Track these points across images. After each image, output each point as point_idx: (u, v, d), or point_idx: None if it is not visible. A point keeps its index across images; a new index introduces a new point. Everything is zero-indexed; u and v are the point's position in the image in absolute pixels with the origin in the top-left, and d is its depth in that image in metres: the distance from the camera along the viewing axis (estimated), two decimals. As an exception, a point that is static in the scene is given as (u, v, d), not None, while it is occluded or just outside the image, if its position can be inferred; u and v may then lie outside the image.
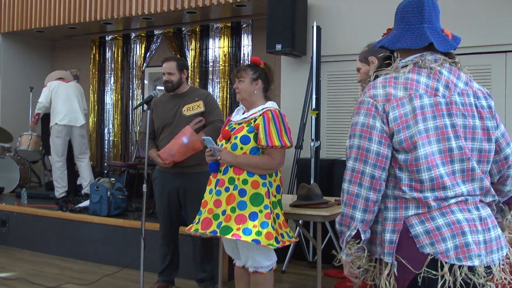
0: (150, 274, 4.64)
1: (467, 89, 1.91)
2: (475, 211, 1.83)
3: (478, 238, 1.78)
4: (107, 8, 7.38)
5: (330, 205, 3.87)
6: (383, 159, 1.84)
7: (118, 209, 5.92)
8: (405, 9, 1.99)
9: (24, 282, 4.89)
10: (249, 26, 7.35)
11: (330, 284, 4.75)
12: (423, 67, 1.89)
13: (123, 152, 8.54)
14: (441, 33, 1.97)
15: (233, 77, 3.49)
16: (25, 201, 6.68)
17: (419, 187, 1.81)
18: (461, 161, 1.83)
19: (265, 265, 3.33)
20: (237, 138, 3.35)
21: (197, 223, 3.39)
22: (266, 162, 3.31)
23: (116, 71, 8.58)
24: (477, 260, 1.76)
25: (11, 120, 8.40)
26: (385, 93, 1.86)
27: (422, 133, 1.80)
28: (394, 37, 2.00)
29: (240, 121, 3.43)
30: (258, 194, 3.27)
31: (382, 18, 5.62)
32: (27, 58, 8.89)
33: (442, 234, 1.77)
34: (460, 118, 1.85)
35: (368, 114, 1.86)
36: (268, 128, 3.29)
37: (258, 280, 3.34)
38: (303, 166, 5.55)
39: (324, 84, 5.82)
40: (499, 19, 5.02)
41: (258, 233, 3.16)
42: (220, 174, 3.38)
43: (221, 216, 3.27)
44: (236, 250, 3.45)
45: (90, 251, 5.69)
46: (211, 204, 3.35)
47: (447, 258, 1.74)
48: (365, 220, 1.87)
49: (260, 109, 3.39)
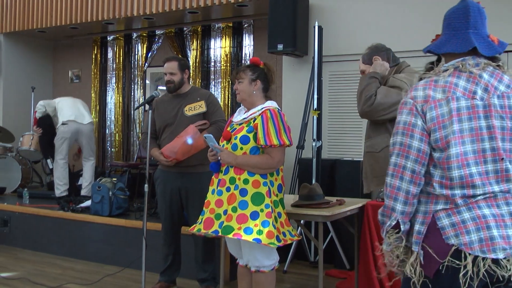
0: (152, 274, 4.64)
1: (508, 91, 1.99)
2: (504, 206, 1.92)
3: (506, 233, 1.87)
4: (108, 8, 7.38)
5: (331, 205, 3.87)
6: (423, 155, 1.98)
7: (120, 209, 5.93)
8: (451, 16, 2.11)
9: (26, 282, 4.89)
10: (250, 26, 7.35)
11: (332, 284, 4.76)
12: (463, 71, 1.99)
13: (124, 152, 8.54)
14: (486, 39, 2.06)
15: (233, 78, 3.51)
16: (27, 201, 6.69)
17: (449, 184, 1.94)
18: (494, 161, 1.93)
19: (267, 264, 3.34)
20: (236, 138, 3.36)
21: (200, 223, 3.39)
22: (265, 162, 3.31)
23: (118, 71, 8.59)
24: (502, 253, 1.84)
25: (13, 120, 8.41)
26: (425, 94, 1.99)
27: (456, 133, 1.92)
28: (440, 42, 2.12)
29: (241, 122, 3.44)
30: (259, 193, 3.27)
31: (384, 18, 5.63)
32: (29, 58, 8.90)
33: (467, 227, 1.89)
34: (498, 120, 1.94)
35: (411, 113, 1.99)
36: (266, 127, 3.30)
37: (260, 280, 3.35)
38: (305, 166, 5.54)
39: (326, 84, 5.82)
40: (501, 19, 5.01)
41: (259, 232, 3.17)
42: (222, 174, 3.39)
43: (223, 216, 3.28)
44: (239, 250, 3.45)
45: (91, 251, 5.69)
46: (213, 204, 3.36)
47: (471, 249, 1.86)
48: (405, 212, 2.02)
49: (259, 109, 3.40)
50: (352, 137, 5.76)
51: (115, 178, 6.32)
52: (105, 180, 6.05)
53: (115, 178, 6.32)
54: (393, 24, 5.56)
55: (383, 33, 5.60)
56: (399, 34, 5.52)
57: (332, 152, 5.86)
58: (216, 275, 4.52)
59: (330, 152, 5.87)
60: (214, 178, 3.48)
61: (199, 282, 4.57)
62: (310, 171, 5.43)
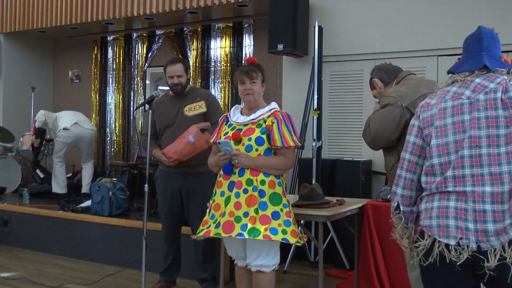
0: (152, 274, 4.64)
1: (497, 86, 2.20)
2: (472, 203, 2.14)
3: (464, 225, 2.13)
4: (108, 8, 7.39)
5: (331, 205, 3.87)
6: (417, 148, 2.35)
7: (120, 209, 5.93)
8: (468, 41, 2.40)
9: (26, 282, 4.89)
10: (250, 26, 7.35)
11: (332, 284, 4.76)
12: (459, 80, 2.32)
13: (124, 152, 8.55)
14: (498, 59, 2.34)
15: (244, 77, 3.42)
16: (27, 201, 6.69)
17: (431, 171, 2.26)
18: (470, 148, 2.17)
19: (271, 264, 3.34)
20: (251, 139, 3.32)
21: (218, 227, 3.26)
22: (283, 163, 3.35)
23: (118, 71, 8.59)
24: (453, 240, 2.13)
25: (13, 120, 8.42)
26: (424, 103, 2.38)
27: (438, 128, 2.25)
28: (459, 64, 2.40)
29: (246, 122, 3.40)
30: (276, 193, 3.30)
31: (383, 18, 5.64)
32: (29, 58, 8.90)
33: (431, 213, 2.22)
34: (482, 112, 2.18)
35: (415, 117, 2.40)
36: (281, 129, 3.34)
37: (261, 280, 3.34)
38: (305, 166, 5.54)
39: (326, 84, 5.82)
40: (501, 19, 5.01)
41: (284, 231, 3.21)
42: (235, 176, 3.32)
43: (244, 218, 3.22)
44: (242, 251, 3.43)
45: (92, 251, 5.70)
46: (231, 207, 3.27)
47: (431, 232, 2.19)
48: (404, 195, 2.40)
49: (268, 110, 3.40)
50: (352, 137, 5.76)
51: (115, 178, 6.33)
52: (105, 180, 6.05)
53: (115, 178, 6.33)
54: (394, 24, 5.56)
55: (383, 33, 5.61)
56: (399, 34, 5.52)
57: (332, 152, 5.86)
58: (216, 275, 4.52)
59: (330, 152, 5.87)
60: (222, 180, 3.37)
61: (199, 282, 4.57)
62: (310, 171, 5.43)
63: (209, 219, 3.37)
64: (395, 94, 3.35)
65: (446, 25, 5.30)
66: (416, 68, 5.47)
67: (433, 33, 5.36)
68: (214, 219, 3.33)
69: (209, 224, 3.34)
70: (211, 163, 3.54)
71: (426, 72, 5.43)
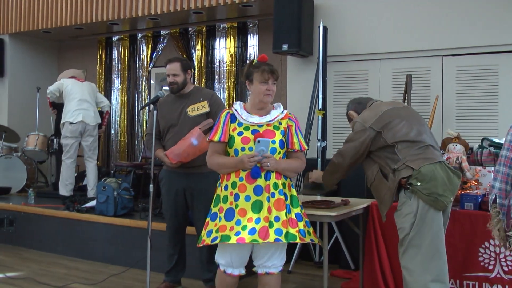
0: (157, 274, 4.64)
1: None
2: None
3: None
4: (113, 8, 7.40)
5: (336, 206, 3.87)
6: None
7: (125, 209, 5.93)
8: None
9: (31, 281, 4.90)
10: (255, 26, 7.35)
11: (337, 285, 4.75)
12: None
13: (129, 152, 8.56)
14: None
15: (269, 76, 3.29)
16: (32, 201, 6.70)
17: None
18: None
19: (279, 264, 3.33)
20: (275, 142, 3.28)
21: (253, 234, 3.13)
22: (301, 166, 3.40)
23: (123, 71, 8.60)
24: None
25: (18, 120, 8.45)
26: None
27: None
28: None
29: (261, 123, 3.32)
30: (293, 196, 3.32)
31: (388, 17, 5.62)
32: (34, 59, 8.93)
33: None
34: None
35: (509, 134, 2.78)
36: (297, 132, 3.39)
37: (270, 281, 3.32)
38: (310, 166, 5.47)
39: (331, 84, 5.81)
40: (506, 19, 4.99)
41: (308, 232, 3.25)
42: (261, 180, 3.23)
43: (276, 223, 3.17)
44: (240, 258, 3.32)
45: (96, 251, 5.70)
46: (265, 212, 3.18)
47: None
48: (501, 188, 2.69)
49: (281, 112, 3.38)
50: (357, 137, 5.74)
51: (120, 178, 6.32)
52: (110, 180, 6.05)
53: (120, 178, 6.32)
54: (398, 24, 5.55)
55: (388, 33, 5.60)
56: (404, 34, 5.51)
57: (337, 152, 5.85)
58: (221, 275, 4.51)
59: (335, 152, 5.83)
60: (246, 183, 3.22)
61: (204, 282, 4.57)
62: (315, 171, 5.42)
63: (234, 225, 3.17)
64: (360, 119, 3.58)
65: (451, 25, 5.28)
66: (421, 68, 5.47)
67: (438, 33, 5.35)
68: (240, 225, 3.17)
69: (237, 230, 3.15)
70: (222, 163, 3.32)
71: (431, 72, 5.42)
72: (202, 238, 3.29)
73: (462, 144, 4.18)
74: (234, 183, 3.25)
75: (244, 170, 3.22)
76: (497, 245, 3.73)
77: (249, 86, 3.37)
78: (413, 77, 5.28)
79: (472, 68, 5.25)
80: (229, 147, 3.32)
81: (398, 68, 5.59)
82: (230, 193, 3.25)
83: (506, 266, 3.74)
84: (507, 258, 3.73)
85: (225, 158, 3.32)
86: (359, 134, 3.51)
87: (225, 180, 3.31)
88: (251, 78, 3.32)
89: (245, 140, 3.26)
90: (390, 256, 4.16)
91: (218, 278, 3.41)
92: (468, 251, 3.83)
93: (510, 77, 5.07)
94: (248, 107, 3.39)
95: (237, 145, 3.27)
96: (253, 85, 3.32)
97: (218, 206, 3.28)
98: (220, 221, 3.22)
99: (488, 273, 3.79)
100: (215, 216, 3.28)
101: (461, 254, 3.85)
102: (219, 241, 3.17)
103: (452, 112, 5.33)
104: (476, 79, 5.23)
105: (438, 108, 5.25)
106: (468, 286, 3.86)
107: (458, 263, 3.84)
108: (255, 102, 3.35)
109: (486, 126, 5.16)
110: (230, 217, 3.20)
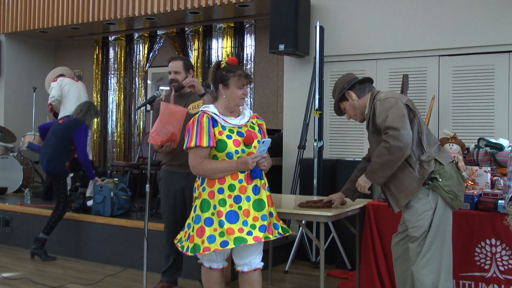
0: (153, 274, 4.64)
1: None
2: None
3: None
4: (110, 8, 7.39)
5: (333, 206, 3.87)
6: None
7: (122, 209, 5.93)
8: None
9: (28, 282, 4.90)
10: (252, 26, 7.36)
11: (333, 285, 4.75)
12: None
13: (126, 152, 8.55)
14: None
15: (245, 82, 3.34)
16: (29, 201, 6.69)
17: None
18: None
19: (259, 261, 3.37)
20: (260, 142, 3.36)
21: (264, 231, 3.19)
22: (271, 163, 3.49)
23: (119, 71, 8.60)
24: None
25: (14, 120, 8.43)
26: None
27: None
28: None
29: (241, 125, 3.35)
30: None
31: (385, 18, 5.63)
32: (30, 58, 8.91)
33: None
34: None
35: None
36: None
37: (256, 278, 3.35)
38: (306, 167, 5.54)
39: (327, 84, 5.82)
40: (503, 19, 5.00)
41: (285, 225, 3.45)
42: (258, 180, 3.32)
43: (271, 218, 3.35)
44: (223, 254, 3.39)
45: (93, 251, 5.70)
46: (267, 209, 3.30)
47: None
48: None
49: (250, 112, 3.47)
50: (354, 138, 5.75)
51: (117, 179, 6.32)
52: (107, 180, 6.05)
53: (117, 179, 6.32)
54: (395, 24, 5.55)
55: (384, 33, 5.60)
56: (400, 34, 5.51)
57: (334, 152, 5.86)
58: (217, 275, 4.51)
59: (331, 152, 5.86)
60: (245, 185, 3.24)
61: (201, 282, 4.56)
62: (311, 171, 5.42)
63: (242, 226, 3.18)
64: (391, 96, 3.29)
65: (448, 25, 5.29)
66: (418, 68, 5.47)
67: (434, 33, 5.35)
68: (248, 225, 3.19)
69: (248, 230, 3.18)
70: (220, 168, 3.22)
71: (428, 72, 5.42)
72: (203, 245, 3.17)
73: (459, 144, 4.19)
74: (232, 185, 3.23)
75: (242, 172, 3.23)
76: (493, 244, 3.74)
77: (223, 90, 3.33)
78: (410, 77, 5.29)
79: (468, 68, 5.26)
80: (219, 151, 3.25)
81: (395, 68, 5.60)
82: (228, 195, 3.22)
83: (502, 266, 3.75)
84: (503, 258, 3.74)
85: (221, 162, 3.24)
86: (397, 105, 3.21)
87: (217, 183, 3.23)
88: (227, 83, 3.31)
89: (236, 143, 3.26)
90: (387, 256, 4.17)
91: (204, 275, 3.46)
92: (464, 251, 3.84)
93: (506, 77, 5.08)
94: (220, 109, 3.34)
95: (230, 148, 3.24)
96: (229, 89, 3.31)
97: (212, 211, 3.22)
98: (223, 225, 3.17)
99: (484, 272, 3.80)
100: (211, 221, 3.21)
101: (457, 254, 3.86)
102: (232, 244, 3.13)
103: (448, 112, 5.34)
104: (472, 79, 5.25)
105: (434, 108, 5.26)
106: (464, 285, 3.87)
107: (454, 262, 3.84)
108: (229, 105, 3.34)
109: (482, 126, 5.17)
110: (235, 219, 3.19)
